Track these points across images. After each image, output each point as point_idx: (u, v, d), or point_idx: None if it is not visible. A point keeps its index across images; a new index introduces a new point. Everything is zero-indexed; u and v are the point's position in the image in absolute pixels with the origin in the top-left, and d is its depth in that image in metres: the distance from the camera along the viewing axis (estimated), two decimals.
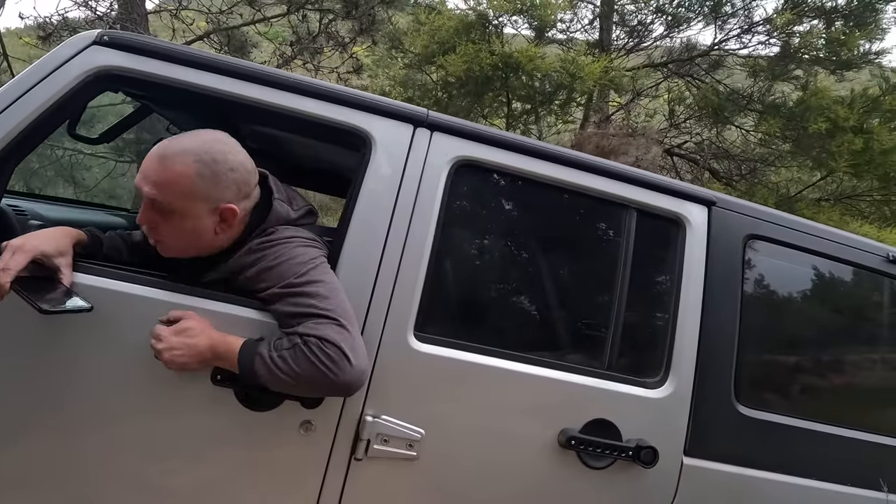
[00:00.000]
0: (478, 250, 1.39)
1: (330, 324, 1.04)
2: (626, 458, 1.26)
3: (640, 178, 1.39)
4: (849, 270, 1.53)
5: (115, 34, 1.15)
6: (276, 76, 1.22)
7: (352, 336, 1.05)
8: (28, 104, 1.09)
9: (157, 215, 1.10)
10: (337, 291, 1.10)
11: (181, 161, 1.07)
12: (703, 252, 1.39)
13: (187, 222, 1.10)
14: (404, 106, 1.28)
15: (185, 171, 1.06)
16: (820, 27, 5.70)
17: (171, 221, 1.10)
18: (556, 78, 5.27)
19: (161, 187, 1.07)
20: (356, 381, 1.04)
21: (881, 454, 1.46)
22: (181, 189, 1.07)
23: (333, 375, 1.01)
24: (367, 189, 1.22)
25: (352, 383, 1.04)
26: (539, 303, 1.40)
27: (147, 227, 1.12)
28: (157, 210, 1.09)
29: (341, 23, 6.68)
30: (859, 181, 5.60)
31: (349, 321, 1.07)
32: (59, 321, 1.04)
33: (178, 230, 1.11)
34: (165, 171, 1.06)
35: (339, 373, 1.01)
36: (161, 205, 1.08)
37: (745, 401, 1.37)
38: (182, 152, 1.08)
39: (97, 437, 1.09)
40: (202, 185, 1.08)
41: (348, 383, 1.03)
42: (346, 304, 1.10)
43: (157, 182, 1.07)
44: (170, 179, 1.06)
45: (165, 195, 1.07)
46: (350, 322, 1.07)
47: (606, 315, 1.34)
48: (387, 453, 1.18)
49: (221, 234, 1.14)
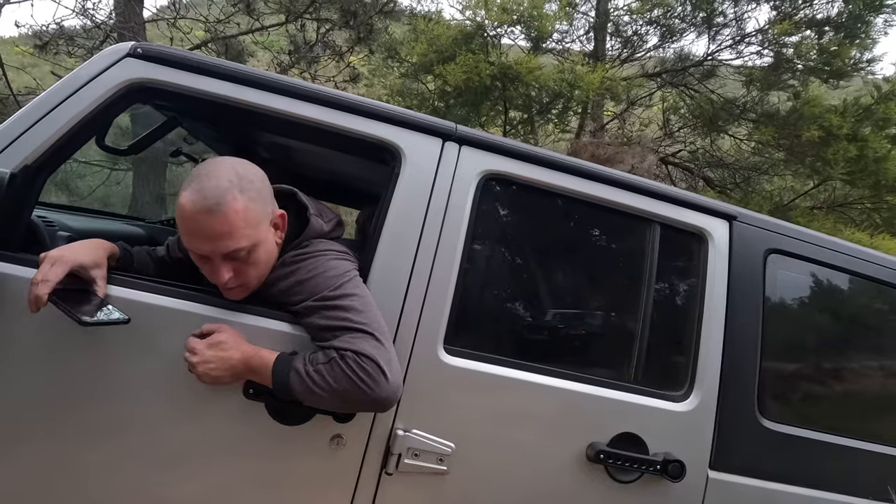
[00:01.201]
0: (506, 263, 1.39)
1: (366, 338, 1.04)
2: (654, 472, 1.26)
3: (663, 192, 1.40)
4: (867, 284, 1.55)
5: (148, 46, 1.15)
6: (307, 89, 1.22)
7: (387, 350, 1.05)
8: (61, 116, 1.08)
9: (240, 262, 1.07)
10: (371, 305, 1.10)
11: (231, 199, 1.02)
12: (725, 266, 1.40)
13: (263, 248, 1.09)
14: (433, 120, 1.29)
15: (242, 205, 1.03)
16: (812, 38, 5.81)
17: (254, 257, 1.07)
18: (554, 88, 5.32)
19: (235, 235, 1.03)
20: (392, 395, 1.03)
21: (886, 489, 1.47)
22: (249, 222, 1.04)
23: (370, 390, 1.01)
24: (398, 202, 1.22)
25: (388, 398, 1.03)
26: (566, 316, 1.40)
27: (232, 279, 1.07)
28: (238, 258, 1.06)
29: (338, 32, 6.70)
30: (854, 188, 5.70)
31: (384, 335, 1.07)
32: (93, 332, 1.03)
33: (260, 262, 1.09)
34: (227, 218, 1.01)
35: (375, 388, 1.01)
36: (243, 249, 1.05)
37: (768, 414, 1.38)
38: (223, 192, 1.02)
39: (125, 449, 1.08)
40: (258, 207, 1.07)
41: (385, 398, 1.03)
42: (380, 318, 1.09)
43: (229, 233, 1.02)
44: (237, 222, 1.02)
45: (242, 238, 1.04)
46: (385, 336, 1.07)
47: (632, 328, 1.35)
48: (417, 468, 1.17)
49: (279, 245, 1.15)
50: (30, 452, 1.05)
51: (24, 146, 1.07)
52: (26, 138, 1.07)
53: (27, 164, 1.06)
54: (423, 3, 7.59)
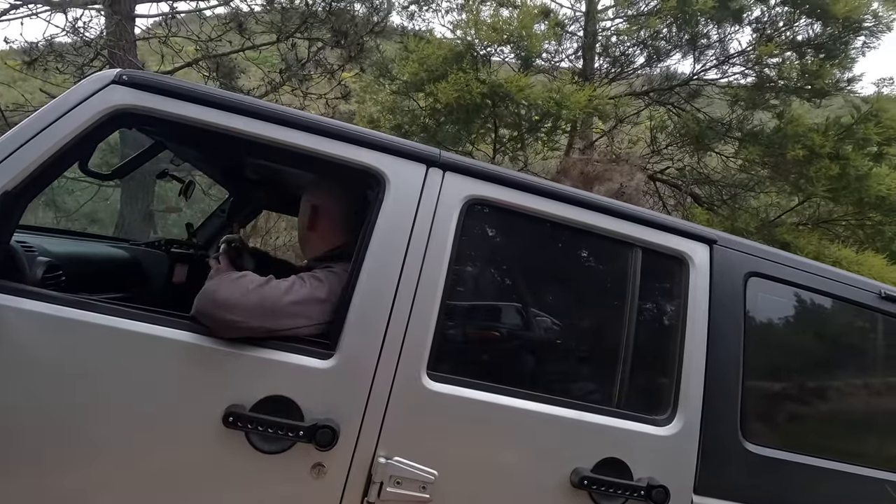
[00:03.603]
0: (489, 288, 1.40)
1: (241, 278, 1.17)
2: (639, 497, 1.26)
3: (644, 217, 1.42)
4: (843, 306, 1.57)
5: (133, 73, 1.16)
6: (292, 116, 1.23)
7: (236, 286, 1.14)
8: (45, 141, 1.09)
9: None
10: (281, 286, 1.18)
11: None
12: (706, 289, 1.41)
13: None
14: (417, 146, 1.30)
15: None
16: (793, 58, 5.95)
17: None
18: (542, 106, 5.38)
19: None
20: (201, 306, 1.12)
21: (884, 490, 1.48)
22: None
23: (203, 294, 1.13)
24: (381, 227, 1.23)
25: (199, 310, 1.12)
26: (550, 340, 1.41)
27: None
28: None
29: (330, 51, 6.76)
30: (836, 206, 5.78)
31: (252, 286, 1.15)
32: (68, 359, 1.03)
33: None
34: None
35: (203, 296, 1.13)
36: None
37: (752, 438, 1.38)
38: None
39: (99, 479, 1.06)
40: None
41: (197, 309, 1.12)
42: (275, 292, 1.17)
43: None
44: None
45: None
46: (250, 285, 1.15)
47: (615, 352, 1.35)
48: (400, 496, 1.16)
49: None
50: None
51: (4, 172, 1.06)
52: (7, 164, 1.07)
53: (7, 190, 1.06)
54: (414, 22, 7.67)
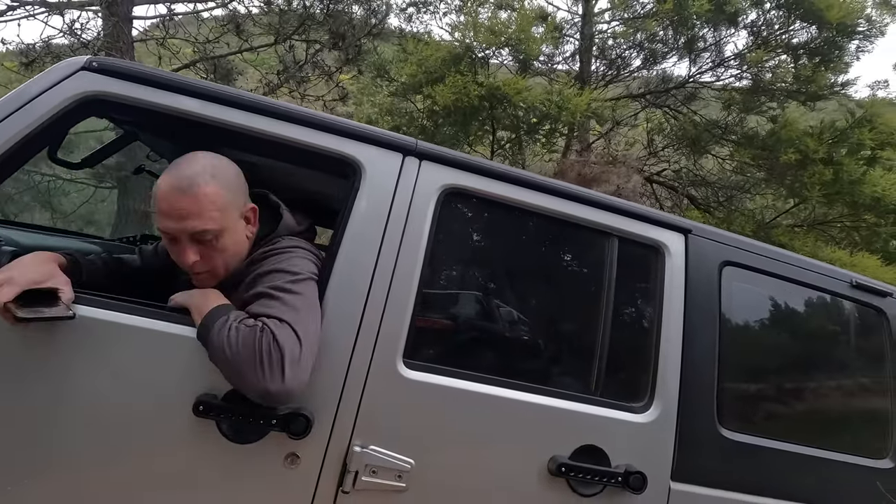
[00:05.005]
0: (466, 276, 1.40)
1: (290, 333, 1.02)
2: (616, 484, 1.26)
3: (619, 206, 1.43)
4: (818, 295, 1.58)
5: (103, 60, 1.15)
6: (264, 103, 1.23)
7: (301, 353, 1.02)
8: (11, 127, 1.07)
9: (205, 246, 1.12)
10: (310, 309, 1.09)
11: (202, 183, 1.10)
12: (682, 278, 1.42)
13: (231, 236, 1.15)
14: (393, 135, 1.31)
15: (213, 189, 1.11)
16: (788, 62, 5.97)
17: (221, 242, 1.13)
18: (541, 109, 5.40)
19: (203, 216, 1.09)
20: (278, 394, 0.99)
21: (859, 475, 1.48)
22: (218, 206, 1.11)
23: (262, 375, 0.98)
24: (357, 216, 1.23)
25: (274, 394, 0.99)
26: (527, 328, 1.41)
27: (199, 262, 1.13)
28: (205, 240, 1.11)
29: (327, 52, 6.79)
30: (830, 209, 5.79)
31: (307, 340, 1.04)
32: (33, 356, 1.02)
33: (227, 249, 1.15)
34: (197, 198, 1.09)
35: (268, 376, 0.98)
36: (209, 232, 1.11)
37: (728, 424, 1.39)
38: (195, 176, 1.10)
39: (75, 475, 1.05)
40: (228, 194, 1.13)
41: (271, 393, 0.99)
42: (315, 324, 1.09)
43: (197, 213, 1.09)
44: (206, 204, 1.09)
45: (209, 220, 1.10)
46: (308, 341, 1.04)
47: (592, 340, 1.36)
48: (375, 485, 1.15)
49: (249, 239, 1.21)
50: None
51: None
52: None
53: None
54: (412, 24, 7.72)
